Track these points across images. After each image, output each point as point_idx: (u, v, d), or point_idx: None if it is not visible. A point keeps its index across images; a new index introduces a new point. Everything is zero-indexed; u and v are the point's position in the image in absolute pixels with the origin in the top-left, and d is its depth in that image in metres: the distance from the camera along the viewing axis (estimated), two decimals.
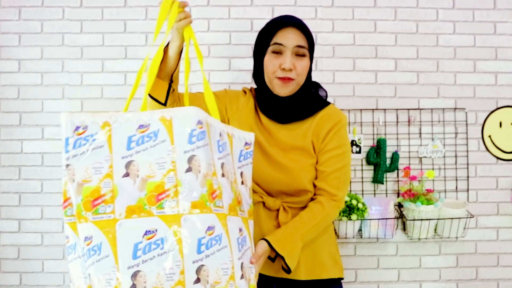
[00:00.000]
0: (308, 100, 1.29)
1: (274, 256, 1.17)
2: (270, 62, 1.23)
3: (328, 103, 1.32)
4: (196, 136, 0.95)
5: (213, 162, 0.99)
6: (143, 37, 1.84)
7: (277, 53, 1.22)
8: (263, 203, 1.26)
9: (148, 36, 1.83)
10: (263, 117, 1.29)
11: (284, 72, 1.21)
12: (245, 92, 1.36)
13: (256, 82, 1.32)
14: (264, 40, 1.25)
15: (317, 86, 1.36)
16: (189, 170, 0.93)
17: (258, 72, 1.29)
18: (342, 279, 1.33)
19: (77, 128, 0.91)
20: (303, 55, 1.23)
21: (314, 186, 1.27)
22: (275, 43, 1.22)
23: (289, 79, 1.22)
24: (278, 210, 1.27)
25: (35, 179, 1.84)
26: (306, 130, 1.27)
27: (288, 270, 1.16)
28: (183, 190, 0.92)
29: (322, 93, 1.35)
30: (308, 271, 1.25)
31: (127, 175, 0.91)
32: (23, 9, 1.83)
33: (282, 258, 1.13)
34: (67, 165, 0.90)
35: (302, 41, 1.22)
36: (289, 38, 1.21)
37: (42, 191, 1.84)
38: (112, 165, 0.91)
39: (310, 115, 1.28)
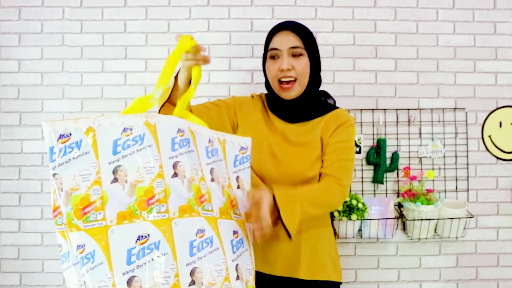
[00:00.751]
0: (317, 104, 1.33)
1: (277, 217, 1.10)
2: (270, 67, 1.29)
3: (338, 107, 1.36)
4: (178, 143, 0.96)
5: (201, 167, 1.01)
6: (143, 37, 1.84)
7: (275, 58, 1.27)
8: None
9: (148, 36, 1.83)
10: (273, 117, 1.33)
11: (283, 73, 1.25)
12: (252, 97, 1.41)
13: (267, 89, 1.37)
14: (264, 48, 1.32)
15: (327, 95, 1.40)
16: (175, 175, 0.94)
17: (266, 79, 1.34)
18: (341, 283, 1.34)
19: (61, 136, 0.90)
20: (300, 55, 1.26)
21: (319, 176, 1.27)
22: (271, 49, 1.27)
23: (291, 82, 1.25)
24: None
25: (35, 179, 1.84)
26: (315, 126, 1.30)
27: (288, 234, 1.10)
28: (171, 195, 0.93)
29: (330, 101, 1.39)
30: (308, 270, 1.26)
31: (115, 180, 0.91)
32: (23, 9, 1.83)
33: (278, 212, 1.07)
34: (54, 174, 0.89)
35: (297, 42, 1.25)
36: (282, 41, 1.25)
37: (42, 191, 1.84)
38: (100, 171, 0.90)
39: (320, 115, 1.31)
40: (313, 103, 1.31)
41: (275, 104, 1.33)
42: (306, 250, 1.26)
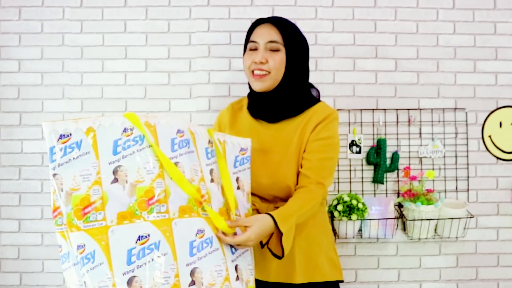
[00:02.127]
0: (296, 98, 1.28)
1: (265, 242, 1.14)
2: (246, 58, 1.29)
3: (319, 101, 1.33)
4: (178, 144, 0.97)
5: (200, 168, 1.01)
6: (143, 37, 1.83)
7: (253, 50, 1.27)
8: (257, 210, 1.26)
9: (148, 36, 1.83)
10: (252, 120, 1.31)
11: (256, 65, 1.24)
12: (236, 104, 1.43)
13: (249, 87, 1.35)
14: (245, 41, 1.32)
15: (309, 85, 1.36)
16: None
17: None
18: (342, 281, 1.32)
19: (61, 136, 0.90)
20: (277, 50, 1.25)
21: (298, 176, 1.25)
22: (251, 41, 1.28)
23: (263, 74, 1.24)
24: None
25: (35, 179, 1.84)
26: (296, 127, 1.27)
27: (279, 256, 1.12)
28: (171, 195, 0.93)
29: (314, 93, 1.36)
30: (303, 274, 1.24)
31: (115, 181, 0.91)
32: (23, 9, 1.83)
33: (281, 234, 1.09)
34: (54, 175, 0.89)
35: (275, 36, 1.24)
36: (261, 34, 1.26)
37: (42, 191, 1.84)
38: (100, 171, 0.91)
39: (299, 112, 1.28)
40: (291, 99, 1.27)
41: (253, 102, 1.32)
42: (300, 253, 1.24)
